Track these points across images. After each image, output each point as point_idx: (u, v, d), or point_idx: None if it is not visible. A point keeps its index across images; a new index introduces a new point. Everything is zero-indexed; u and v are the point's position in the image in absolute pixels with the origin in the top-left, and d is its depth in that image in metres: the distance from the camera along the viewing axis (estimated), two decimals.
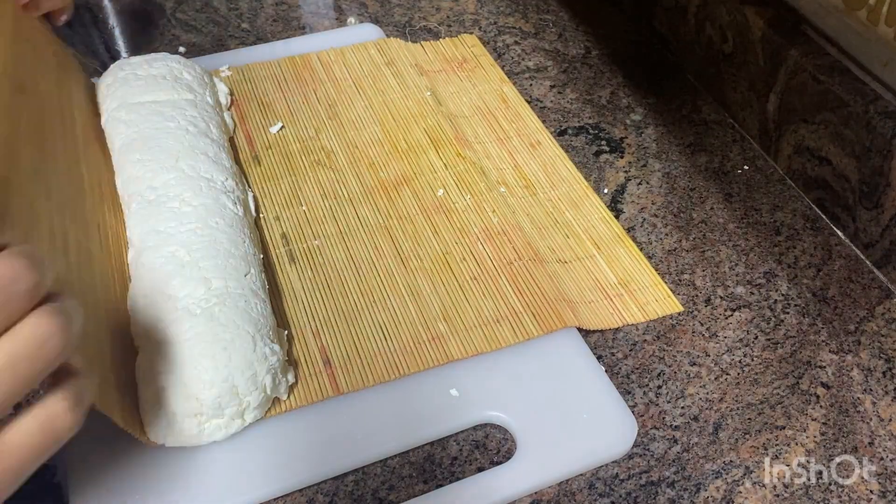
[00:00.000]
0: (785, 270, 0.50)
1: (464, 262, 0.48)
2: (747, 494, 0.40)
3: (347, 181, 0.53)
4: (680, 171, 0.57)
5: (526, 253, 0.49)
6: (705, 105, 0.63)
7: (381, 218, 0.51)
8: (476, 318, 0.45)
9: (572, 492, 0.40)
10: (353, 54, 0.63)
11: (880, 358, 0.46)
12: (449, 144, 0.56)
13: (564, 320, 0.45)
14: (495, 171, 0.55)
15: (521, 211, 0.52)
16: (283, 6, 0.72)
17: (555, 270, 0.48)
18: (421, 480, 0.40)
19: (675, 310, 0.47)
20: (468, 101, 0.60)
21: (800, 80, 0.53)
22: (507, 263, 0.48)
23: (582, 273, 0.49)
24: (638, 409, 0.43)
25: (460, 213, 0.51)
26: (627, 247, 0.50)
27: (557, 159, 0.56)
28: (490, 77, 0.63)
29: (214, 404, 0.38)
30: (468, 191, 0.53)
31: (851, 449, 0.42)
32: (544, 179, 0.55)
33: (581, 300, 0.47)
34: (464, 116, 0.59)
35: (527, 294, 0.46)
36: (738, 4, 0.57)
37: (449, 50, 0.65)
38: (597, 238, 0.51)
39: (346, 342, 0.44)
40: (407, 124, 0.57)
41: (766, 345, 0.46)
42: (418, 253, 0.49)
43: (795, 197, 0.55)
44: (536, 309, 0.45)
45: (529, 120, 0.59)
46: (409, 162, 0.54)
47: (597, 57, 0.67)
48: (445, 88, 0.61)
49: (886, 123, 0.47)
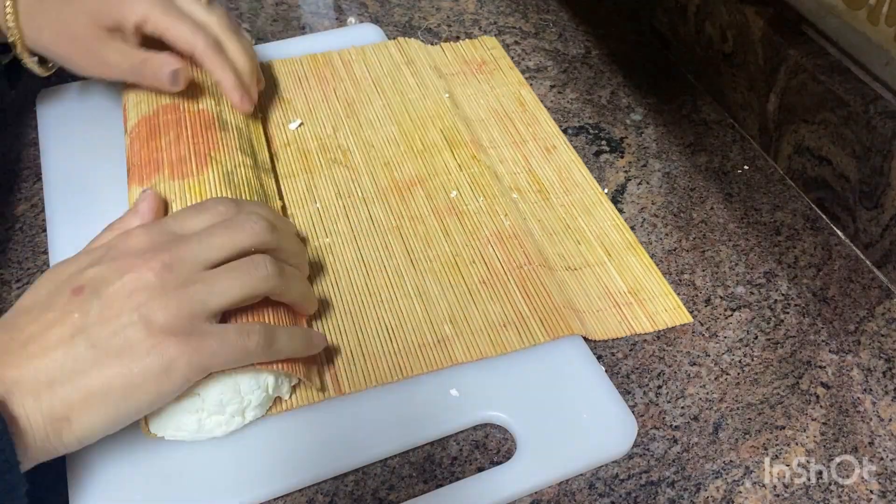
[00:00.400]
0: (785, 270, 0.50)
1: (473, 265, 0.48)
2: (747, 494, 0.40)
3: (362, 180, 0.53)
4: (680, 171, 0.57)
5: (536, 258, 0.48)
6: (705, 105, 0.63)
7: (393, 218, 0.51)
8: (483, 321, 0.45)
9: (572, 492, 0.40)
10: (373, 53, 0.63)
11: (880, 358, 0.46)
12: (464, 146, 0.56)
13: (571, 328, 0.45)
14: (509, 175, 0.55)
15: (532, 217, 0.52)
16: (283, 6, 0.72)
17: (563, 278, 0.48)
18: (421, 480, 0.40)
19: (685, 320, 0.47)
20: (485, 104, 0.60)
21: (800, 80, 0.53)
22: (517, 267, 0.48)
23: (591, 280, 0.48)
24: (638, 409, 0.43)
25: (472, 216, 0.51)
26: (639, 255, 0.50)
27: (573, 164, 0.56)
28: (508, 80, 0.62)
29: (216, 401, 0.38)
30: (481, 193, 0.52)
31: (851, 449, 0.42)
32: (558, 185, 0.54)
33: (589, 308, 0.47)
34: (480, 120, 0.59)
35: (535, 299, 0.46)
36: (738, 4, 0.57)
37: (468, 52, 0.65)
38: (608, 245, 0.51)
39: (351, 342, 0.44)
40: (424, 124, 0.57)
41: (766, 345, 0.46)
42: (428, 254, 0.49)
43: (795, 197, 0.55)
44: (544, 314, 0.45)
45: (546, 124, 0.59)
46: (424, 162, 0.54)
47: (597, 57, 0.67)
48: (463, 91, 0.61)
49: (886, 123, 0.47)
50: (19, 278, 0.48)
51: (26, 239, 0.51)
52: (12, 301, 0.47)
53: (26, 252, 0.50)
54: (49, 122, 0.57)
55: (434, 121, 0.58)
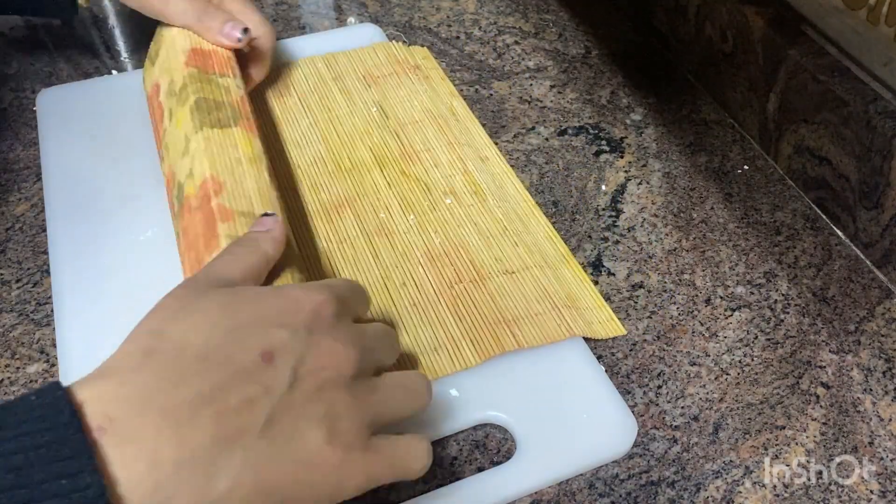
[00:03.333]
0: (785, 270, 0.50)
1: (403, 288, 0.47)
2: (747, 494, 0.40)
3: (288, 204, 0.50)
4: (680, 170, 0.57)
5: (468, 274, 0.47)
6: (705, 105, 0.63)
7: (321, 242, 0.49)
8: (413, 346, 0.44)
9: (572, 492, 0.40)
10: (300, 69, 0.62)
11: (880, 358, 0.46)
12: (394, 162, 0.54)
13: (503, 345, 0.43)
14: (443, 179, 0.53)
15: (468, 221, 0.50)
16: (283, 6, 0.72)
17: (500, 285, 0.47)
18: (421, 480, 0.40)
19: (618, 333, 0.46)
20: (419, 105, 0.59)
21: (800, 80, 0.53)
22: (448, 286, 0.47)
23: (530, 284, 0.47)
24: (638, 409, 0.43)
25: (402, 235, 0.49)
26: (573, 267, 0.49)
27: (505, 176, 0.55)
28: (440, 91, 0.61)
29: None
30: (411, 210, 0.51)
31: (851, 449, 0.42)
32: (494, 190, 0.53)
33: (527, 313, 0.45)
34: (414, 122, 0.57)
35: (466, 319, 0.45)
36: (738, 4, 0.57)
37: (401, 54, 0.64)
38: (542, 256, 0.49)
39: None
40: (352, 142, 0.56)
41: (766, 345, 0.46)
42: (357, 279, 0.47)
43: (795, 197, 0.55)
44: (475, 335, 0.44)
45: (478, 135, 0.57)
46: (353, 182, 0.53)
47: (597, 57, 0.67)
48: (396, 93, 0.60)
49: (886, 123, 0.47)
50: (19, 278, 0.48)
51: (26, 239, 0.51)
52: (12, 300, 0.47)
53: (26, 252, 0.50)
54: (49, 122, 0.57)
55: (363, 137, 0.56)
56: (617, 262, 0.51)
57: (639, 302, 0.48)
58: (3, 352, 0.45)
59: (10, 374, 0.44)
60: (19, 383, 0.43)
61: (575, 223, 0.53)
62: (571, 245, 0.52)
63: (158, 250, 0.48)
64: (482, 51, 0.67)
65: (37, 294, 0.47)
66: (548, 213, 0.53)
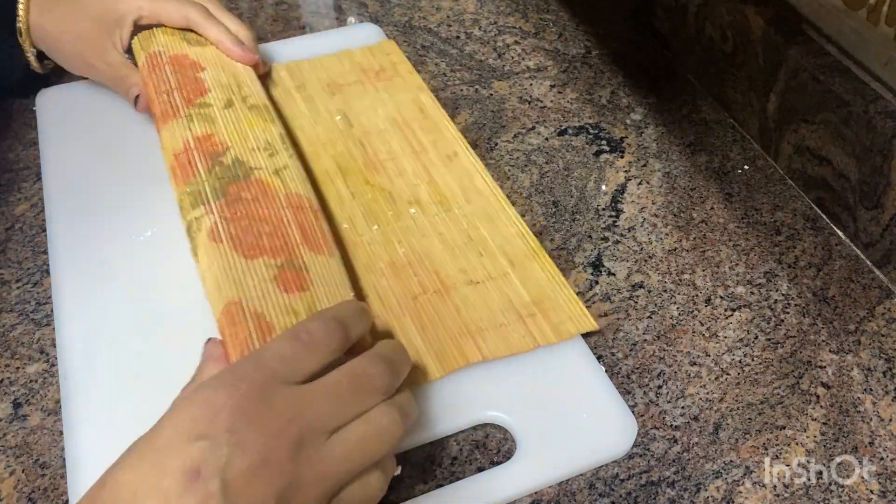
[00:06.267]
0: (785, 270, 0.50)
1: (367, 301, 0.46)
2: (747, 494, 0.40)
3: None
4: (680, 170, 0.57)
5: (432, 285, 0.47)
6: (705, 105, 0.63)
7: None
8: None
9: (572, 492, 0.40)
10: (263, 78, 0.60)
11: (880, 358, 0.46)
12: (357, 172, 0.53)
13: (467, 357, 0.43)
14: (408, 188, 0.53)
15: (432, 231, 0.50)
16: (283, 6, 0.72)
17: (465, 296, 0.46)
18: (421, 480, 0.40)
19: (590, 328, 0.45)
20: (384, 114, 0.58)
21: (800, 80, 0.53)
22: (412, 299, 0.46)
23: (494, 294, 0.46)
24: (638, 409, 0.43)
25: (366, 247, 0.49)
26: (543, 262, 0.48)
27: (475, 171, 0.54)
28: (408, 86, 0.60)
29: None
30: (375, 221, 0.50)
31: (851, 449, 0.42)
32: (460, 194, 0.52)
33: (491, 325, 0.45)
34: (378, 131, 0.57)
35: (430, 331, 0.44)
36: (738, 4, 0.57)
37: (366, 60, 0.63)
38: (511, 254, 0.49)
39: None
40: (316, 152, 0.55)
41: (767, 345, 0.46)
42: None
43: (795, 197, 0.55)
44: (439, 348, 0.43)
45: (447, 130, 0.57)
46: (316, 193, 0.49)
47: (597, 57, 0.67)
48: (360, 102, 0.59)
49: (886, 123, 0.47)
50: (19, 278, 0.48)
51: (26, 239, 0.51)
52: (12, 301, 0.47)
53: (26, 252, 0.50)
54: (49, 122, 0.57)
55: (326, 147, 0.55)
56: (617, 262, 0.51)
57: (639, 302, 0.48)
58: (3, 352, 0.45)
59: (10, 374, 0.44)
60: (19, 383, 0.43)
61: (575, 223, 0.53)
62: (571, 245, 0.52)
63: (158, 250, 0.48)
64: (482, 51, 0.67)
65: (37, 294, 0.47)
66: (548, 213, 0.53)
